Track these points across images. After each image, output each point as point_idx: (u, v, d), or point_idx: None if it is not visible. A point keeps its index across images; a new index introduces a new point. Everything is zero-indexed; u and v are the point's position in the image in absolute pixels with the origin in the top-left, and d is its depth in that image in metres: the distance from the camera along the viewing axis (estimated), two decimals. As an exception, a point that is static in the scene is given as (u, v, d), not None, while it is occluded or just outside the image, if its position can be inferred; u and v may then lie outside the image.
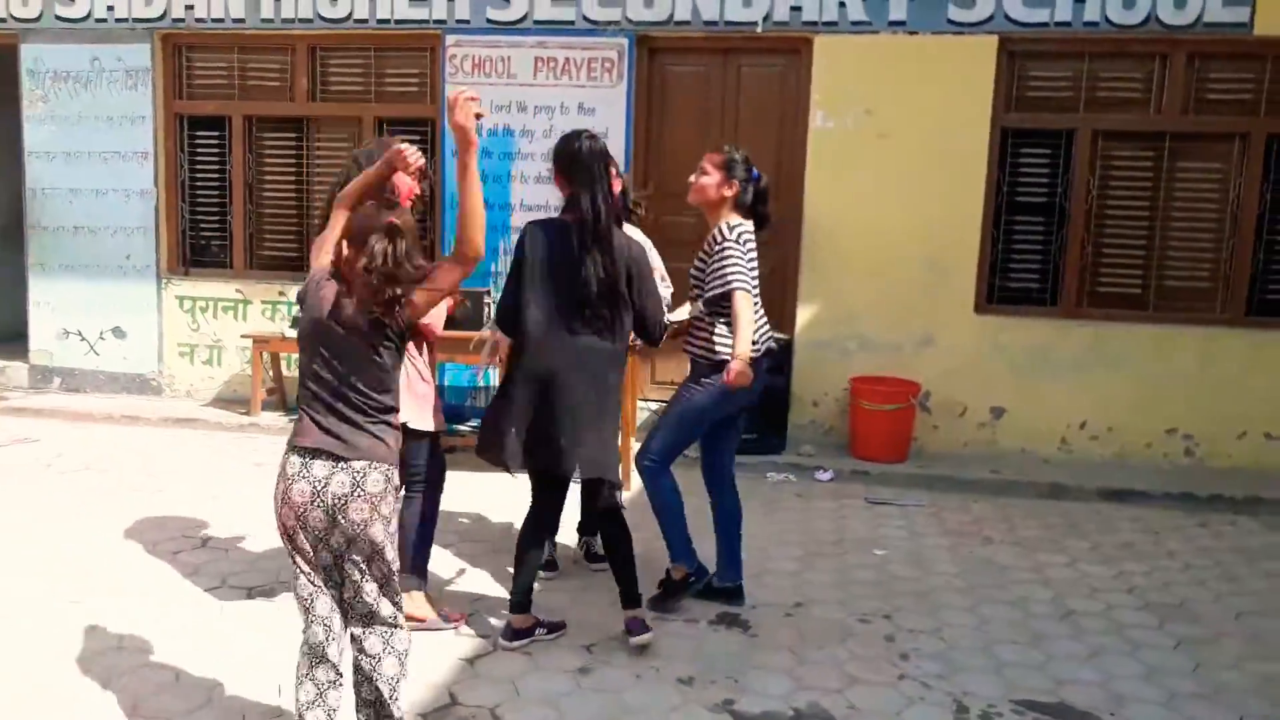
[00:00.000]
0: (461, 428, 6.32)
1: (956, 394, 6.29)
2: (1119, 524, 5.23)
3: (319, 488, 2.44)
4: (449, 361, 6.18)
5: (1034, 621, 3.92)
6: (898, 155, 6.18)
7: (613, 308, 3.39)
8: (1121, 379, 6.12)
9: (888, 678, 3.41)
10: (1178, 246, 6.23)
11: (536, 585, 3.67)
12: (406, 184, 3.26)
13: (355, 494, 2.45)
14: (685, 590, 3.89)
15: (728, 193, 3.85)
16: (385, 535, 2.52)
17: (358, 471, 2.46)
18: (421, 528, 3.65)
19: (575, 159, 3.44)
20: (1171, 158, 6.13)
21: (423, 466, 3.61)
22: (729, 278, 3.72)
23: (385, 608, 2.57)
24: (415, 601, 3.55)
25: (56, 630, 3.51)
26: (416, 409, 3.45)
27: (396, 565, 2.58)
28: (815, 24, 6.20)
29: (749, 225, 3.89)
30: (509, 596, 3.61)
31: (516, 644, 3.50)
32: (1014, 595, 4.18)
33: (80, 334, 7.39)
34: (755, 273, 3.85)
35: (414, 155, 2.83)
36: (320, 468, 2.45)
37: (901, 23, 6.10)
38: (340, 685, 2.58)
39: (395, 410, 2.57)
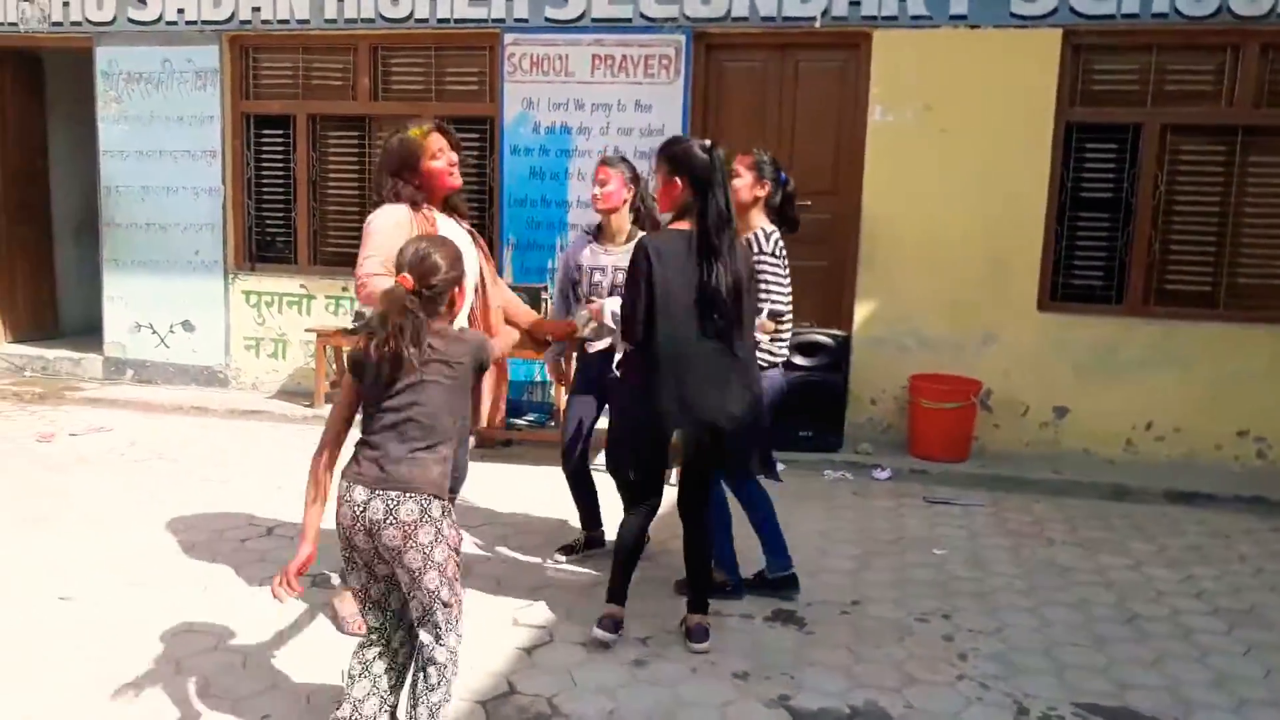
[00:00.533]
0: (519, 421, 6.39)
1: (1018, 393, 6.19)
2: (1186, 527, 5.11)
3: (358, 512, 2.49)
4: (509, 357, 6.23)
5: (1097, 624, 3.85)
6: (958, 150, 6.10)
7: (739, 312, 3.38)
8: (1190, 379, 5.97)
9: (946, 677, 3.38)
10: (1250, 243, 6.07)
11: (585, 580, 3.69)
12: (440, 168, 3.39)
13: (388, 521, 2.47)
14: (717, 593, 3.83)
15: (760, 193, 3.91)
16: (423, 562, 2.49)
17: (391, 499, 2.47)
18: None
19: (694, 163, 3.38)
20: (1244, 152, 5.97)
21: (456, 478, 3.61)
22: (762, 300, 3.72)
23: (424, 634, 2.55)
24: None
25: (128, 614, 3.63)
26: None
27: (445, 595, 2.53)
28: (874, 18, 6.14)
29: (778, 232, 3.90)
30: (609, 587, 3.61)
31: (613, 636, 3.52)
32: (1076, 597, 4.11)
33: (151, 327, 7.61)
34: (788, 282, 3.88)
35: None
36: (360, 493, 2.50)
37: (963, 16, 6.02)
38: (390, 670, 2.63)
39: (452, 447, 2.58)
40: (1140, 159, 6.05)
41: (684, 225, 3.40)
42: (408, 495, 2.48)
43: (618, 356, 3.65)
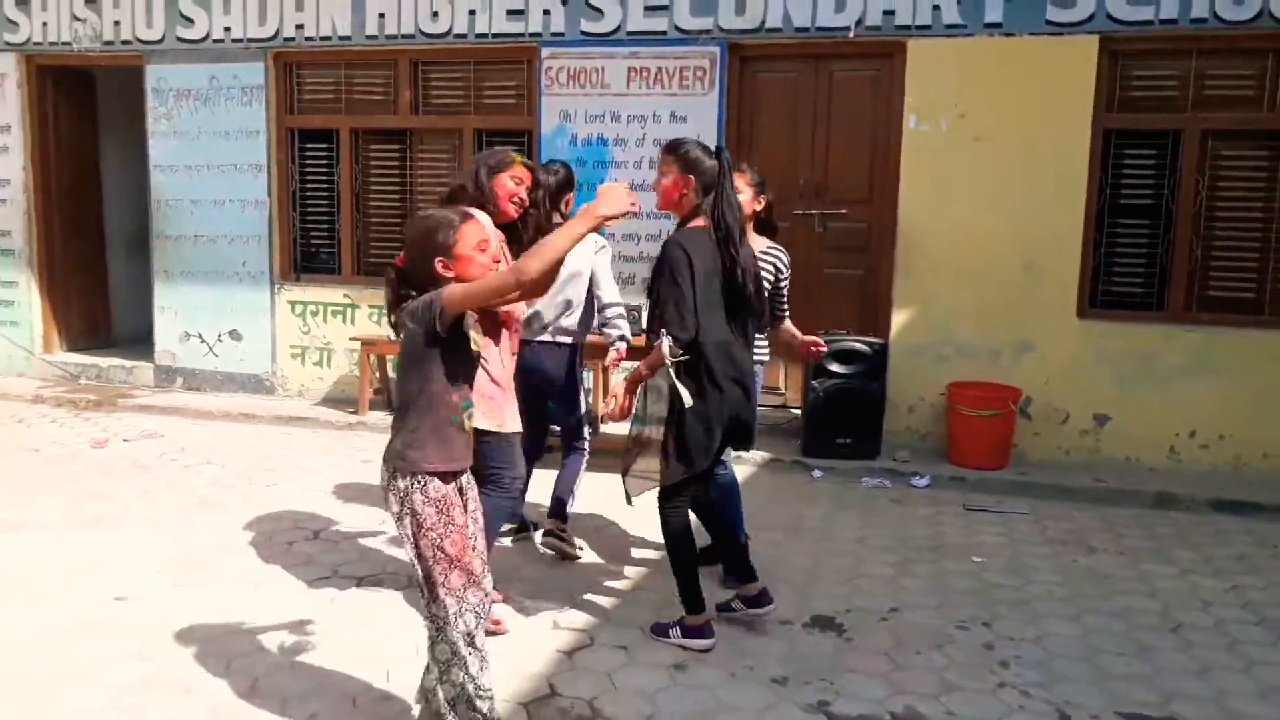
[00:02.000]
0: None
1: (1058, 400, 6.15)
2: (1232, 536, 5.05)
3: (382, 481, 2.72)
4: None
5: (1140, 633, 3.82)
6: (994, 158, 6.09)
7: (759, 306, 3.64)
8: (1235, 386, 5.90)
9: (987, 685, 3.38)
10: (1295, 249, 5.99)
11: (623, 584, 3.75)
12: (507, 188, 3.63)
13: (384, 490, 2.69)
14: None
15: (758, 208, 4.20)
16: (405, 538, 2.65)
17: (383, 471, 2.69)
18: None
19: (702, 165, 3.50)
20: (1288, 157, 5.90)
21: (495, 467, 3.60)
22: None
23: (423, 610, 2.70)
24: None
25: (179, 613, 3.72)
26: (481, 410, 3.40)
27: (422, 572, 2.63)
28: (909, 28, 6.15)
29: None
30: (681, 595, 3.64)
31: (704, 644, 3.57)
32: (1119, 606, 4.09)
33: (200, 336, 7.78)
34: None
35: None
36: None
37: (998, 24, 6.01)
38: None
39: (422, 417, 2.63)
40: (1180, 165, 6.00)
41: (700, 223, 3.50)
42: (382, 462, 2.70)
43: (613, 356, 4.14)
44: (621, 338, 4.37)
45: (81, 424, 6.94)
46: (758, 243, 4.14)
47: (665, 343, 3.34)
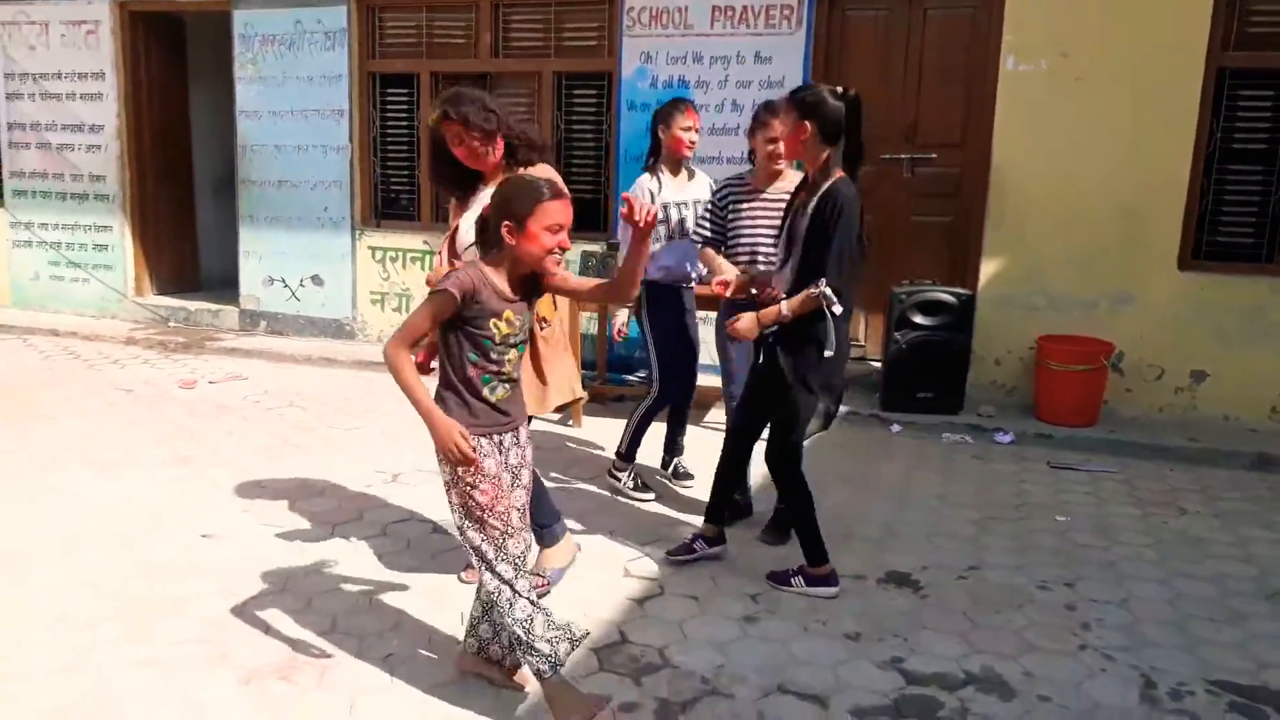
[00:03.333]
0: (630, 378, 6.44)
1: (1153, 356, 5.89)
2: (1337, 501, 4.80)
3: None
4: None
5: (1233, 599, 3.66)
6: (1096, 100, 5.78)
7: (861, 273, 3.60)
8: (1348, 344, 5.57)
9: (1068, 647, 3.27)
10: None
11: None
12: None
13: None
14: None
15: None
16: (445, 486, 2.72)
17: None
18: None
19: (821, 109, 3.35)
20: None
21: None
22: None
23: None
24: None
25: (263, 552, 3.83)
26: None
27: (462, 517, 2.69)
28: (1009, -39, 5.84)
29: None
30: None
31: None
32: (1211, 570, 3.92)
33: (283, 281, 7.94)
34: None
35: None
36: None
37: (1106, -44, 5.67)
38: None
39: (447, 378, 2.71)
40: (1300, 107, 5.62)
41: (839, 174, 3.38)
42: None
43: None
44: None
45: (171, 365, 7.17)
46: (792, 179, 3.91)
47: (825, 290, 3.29)
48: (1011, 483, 4.95)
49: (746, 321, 3.48)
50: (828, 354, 3.35)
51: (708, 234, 4.22)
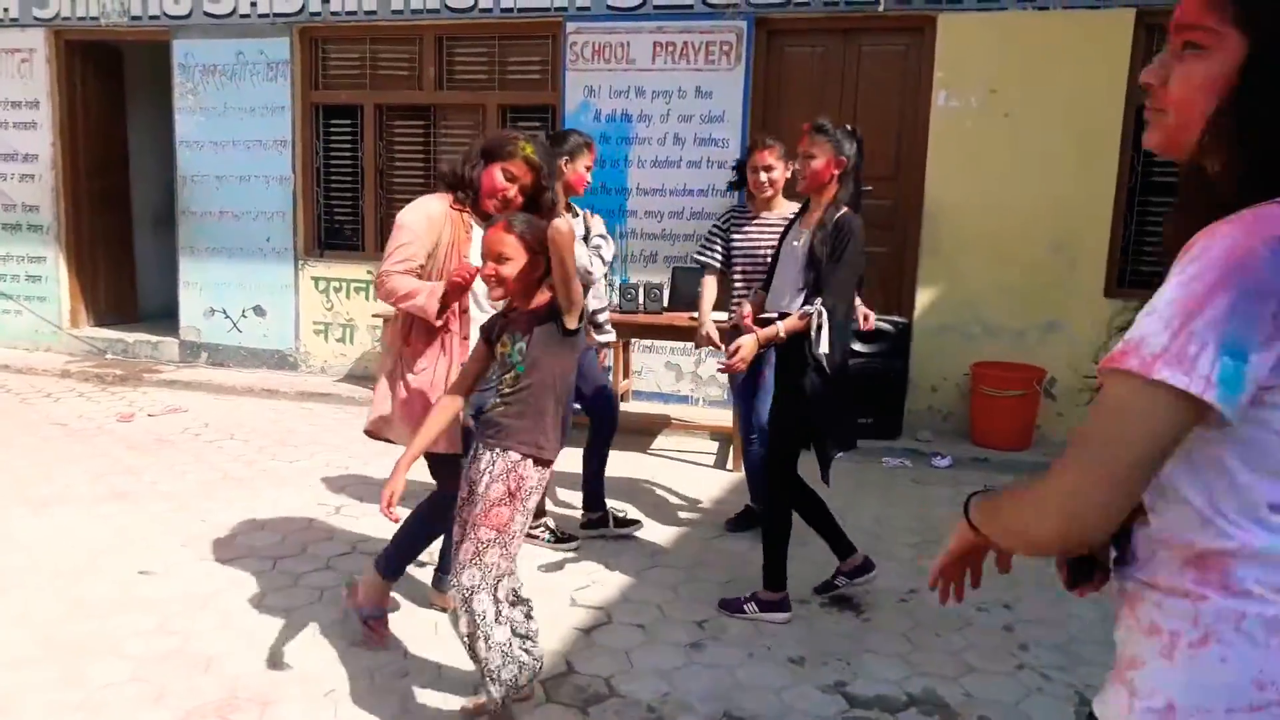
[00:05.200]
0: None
1: (1083, 380, 6.07)
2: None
3: None
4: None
5: (1162, 617, 3.78)
6: (1024, 135, 5.99)
7: None
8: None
9: (1006, 667, 3.35)
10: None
11: (641, 562, 3.74)
12: (493, 183, 3.21)
13: (485, 456, 2.78)
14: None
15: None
16: (499, 508, 2.74)
17: (490, 441, 2.79)
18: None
19: (847, 149, 3.56)
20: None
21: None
22: None
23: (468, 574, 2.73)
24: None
25: (203, 587, 3.77)
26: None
27: (486, 547, 2.68)
28: (939, 1, 6.05)
29: None
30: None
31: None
32: (1141, 589, 4.04)
33: (225, 312, 7.84)
34: None
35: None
36: None
37: (1031, -3, 5.90)
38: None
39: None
40: (1216, 142, 5.86)
41: (846, 210, 3.54)
42: (492, 434, 2.79)
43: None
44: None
45: (108, 399, 7.02)
46: (786, 207, 4.29)
47: (818, 310, 3.41)
48: (949, 506, 5.05)
49: (746, 347, 3.52)
50: (822, 351, 3.43)
51: (709, 258, 4.42)
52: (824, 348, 3.42)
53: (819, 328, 3.42)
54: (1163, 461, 1.01)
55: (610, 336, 4.68)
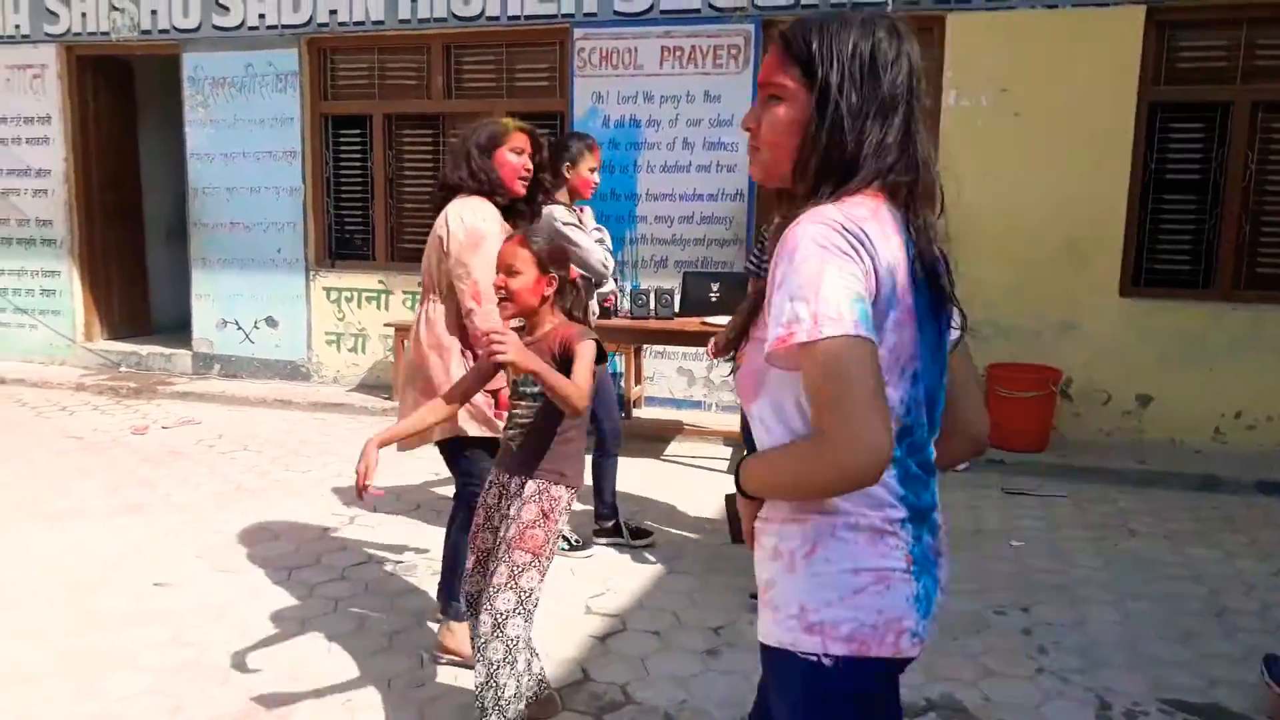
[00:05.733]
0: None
1: (1100, 381, 6.03)
2: (1279, 518, 4.92)
3: None
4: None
5: (1184, 618, 3.74)
6: (1035, 134, 5.96)
7: None
8: (1283, 366, 5.75)
9: (1025, 671, 3.32)
10: (1349, 224, 5.81)
11: (656, 569, 3.72)
12: (511, 165, 3.27)
13: (525, 489, 2.70)
14: None
15: None
16: (535, 529, 2.66)
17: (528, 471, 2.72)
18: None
19: None
20: (1342, 128, 5.72)
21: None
22: None
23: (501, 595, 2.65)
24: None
25: (218, 599, 3.77)
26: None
27: (521, 570, 2.59)
28: (948, 1, 6.03)
29: None
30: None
31: None
32: (1162, 591, 4.00)
33: (237, 323, 7.87)
34: None
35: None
36: None
37: (1041, -4, 5.87)
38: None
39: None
40: (1230, 138, 5.83)
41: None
42: (527, 463, 2.72)
43: None
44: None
45: (122, 411, 7.05)
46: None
47: None
48: (966, 509, 5.03)
49: None
50: None
51: (755, 268, 4.30)
52: None
53: None
54: (883, 389, 1.26)
55: (609, 287, 4.59)
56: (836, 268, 1.27)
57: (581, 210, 4.49)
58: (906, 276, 1.39)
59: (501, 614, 2.55)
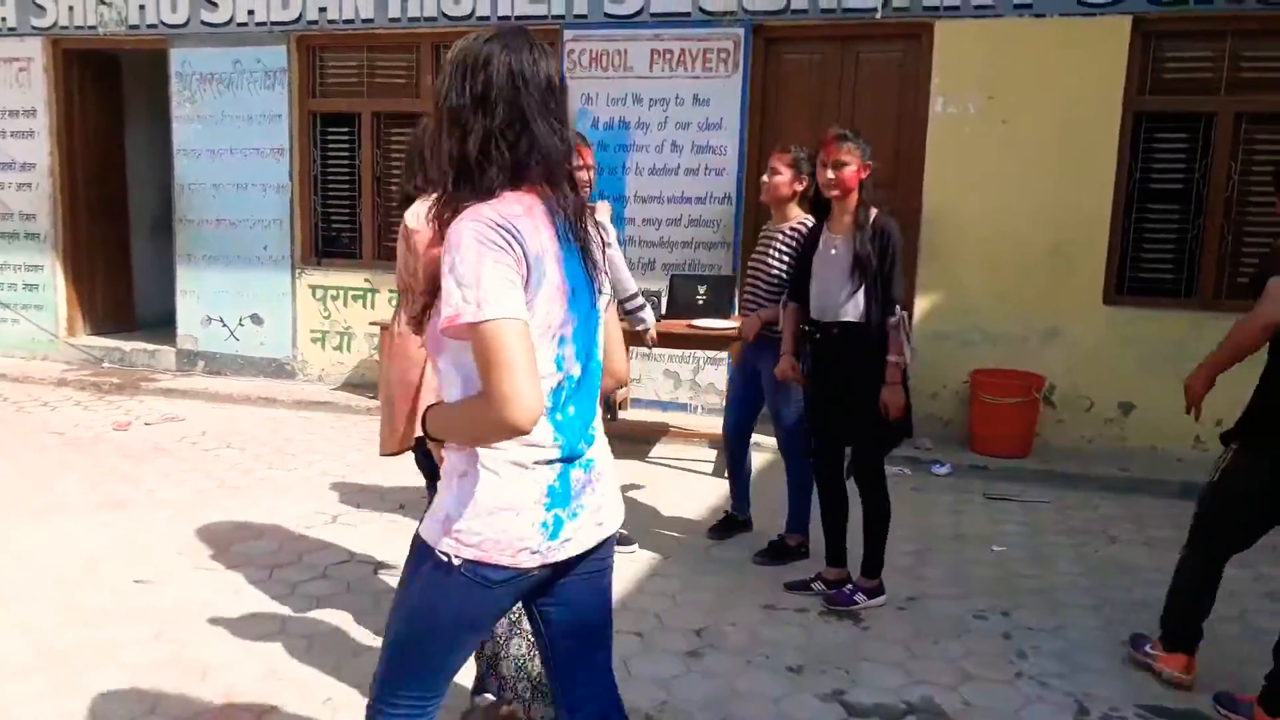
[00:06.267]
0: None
1: (1083, 388, 6.07)
2: (1258, 527, 4.96)
3: None
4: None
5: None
6: (1022, 142, 5.99)
7: None
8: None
9: (1004, 675, 3.34)
10: (1329, 235, 5.86)
11: (638, 570, 3.73)
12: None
13: None
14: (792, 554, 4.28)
15: (798, 188, 4.21)
16: None
17: None
18: None
19: (869, 155, 3.81)
20: (1323, 141, 5.77)
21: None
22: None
23: None
24: None
25: (198, 596, 3.76)
26: None
27: None
28: (936, 9, 6.06)
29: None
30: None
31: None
32: (1142, 597, 4.03)
33: (222, 320, 7.83)
34: None
35: None
36: None
37: (1027, 5, 5.91)
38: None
39: None
40: (1213, 149, 5.88)
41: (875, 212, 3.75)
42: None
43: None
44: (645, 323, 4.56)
45: (104, 407, 7.01)
46: (795, 218, 4.26)
47: (900, 317, 3.58)
48: (949, 513, 5.05)
49: (891, 395, 3.64)
50: (909, 354, 3.66)
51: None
52: (909, 351, 3.62)
53: (908, 333, 3.61)
54: (534, 358, 1.57)
55: (649, 320, 4.63)
56: (493, 260, 1.55)
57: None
58: (555, 260, 1.64)
59: None
